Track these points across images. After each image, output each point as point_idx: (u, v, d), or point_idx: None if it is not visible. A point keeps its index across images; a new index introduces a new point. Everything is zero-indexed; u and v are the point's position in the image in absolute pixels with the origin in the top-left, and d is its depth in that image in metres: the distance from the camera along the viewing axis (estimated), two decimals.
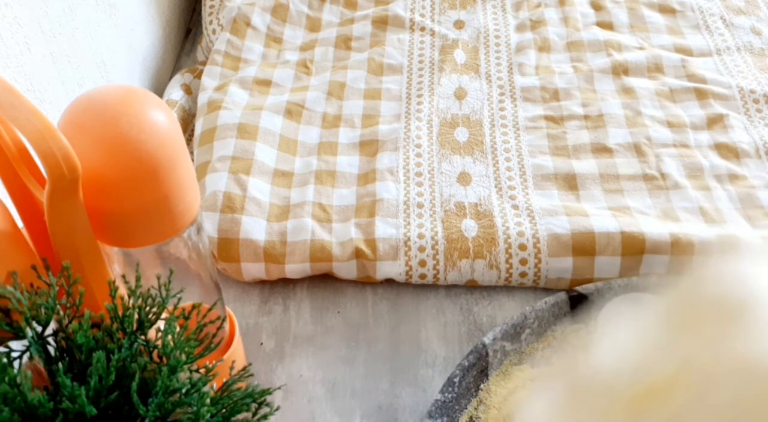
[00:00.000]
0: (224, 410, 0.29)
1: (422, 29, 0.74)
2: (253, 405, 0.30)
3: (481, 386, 0.48)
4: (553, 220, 0.55)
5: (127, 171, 0.31)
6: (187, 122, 0.68)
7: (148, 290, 0.31)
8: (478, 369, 0.48)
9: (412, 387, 0.49)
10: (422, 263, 0.54)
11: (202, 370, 0.30)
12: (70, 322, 0.29)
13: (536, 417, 0.39)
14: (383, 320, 0.54)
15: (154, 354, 0.29)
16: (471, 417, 0.46)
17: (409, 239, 0.54)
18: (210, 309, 0.32)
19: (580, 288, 0.52)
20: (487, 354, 0.48)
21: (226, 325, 0.46)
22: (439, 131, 0.64)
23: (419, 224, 0.56)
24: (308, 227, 0.55)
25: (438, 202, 0.57)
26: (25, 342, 0.28)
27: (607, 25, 0.75)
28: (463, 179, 0.59)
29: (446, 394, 0.46)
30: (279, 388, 0.39)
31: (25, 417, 0.25)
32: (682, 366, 0.32)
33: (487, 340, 0.49)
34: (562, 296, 0.52)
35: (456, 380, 0.47)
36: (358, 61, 0.70)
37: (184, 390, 0.28)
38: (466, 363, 0.48)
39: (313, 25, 0.76)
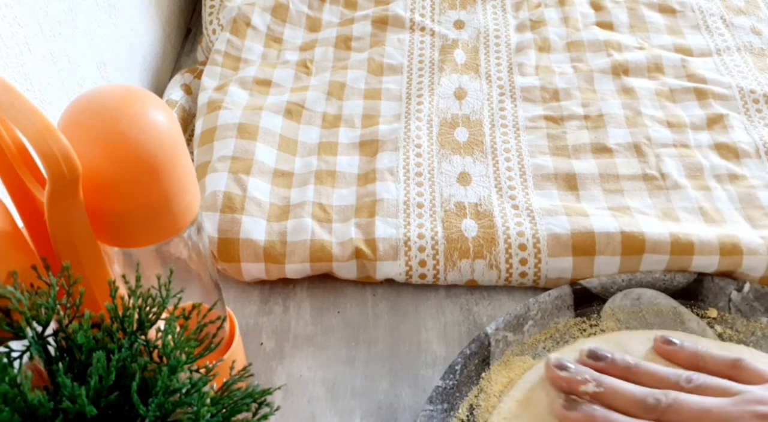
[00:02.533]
0: (224, 410, 0.29)
1: (422, 29, 0.74)
2: (253, 405, 0.30)
3: (482, 374, 0.48)
4: (553, 220, 0.55)
5: (127, 171, 0.31)
6: (187, 122, 0.68)
7: (148, 290, 0.31)
8: (479, 358, 0.48)
9: (412, 388, 0.49)
10: (422, 263, 0.54)
11: (202, 370, 0.30)
12: (70, 322, 0.29)
13: None
14: (383, 320, 0.54)
15: (154, 354, 0.29)
16: (471, 405, 0.46)
17: (409, 239, 0.54)
18: (210, 309, 0.32)
19: (584, 282, 0.52)
20: (489, 343, 0.49)
21: (226, 325, 0.46)
22: (439, 131, 0.64)
23: (419, 224, 0.56)
24: (308, 227, 0.55)
25: (438, 202, 0.57)
26: (25, 342, 0.28)
27: (607, 25, 0.75)
28: (463, 179, 0.59)
29: (447, 381, 0.46)
30: (279, 388, 0.39)
31: (25, 417, 0.25)
32: None
33: (489, 330, 0.49)
34: (566, 289, 0.52)
35: (457, 367, 0.47)
36: (358, 61, 0.70)
37: (184, 390, 0.28)
38: (468, 351, 0.48)
39: (313, 25, 0.76)
